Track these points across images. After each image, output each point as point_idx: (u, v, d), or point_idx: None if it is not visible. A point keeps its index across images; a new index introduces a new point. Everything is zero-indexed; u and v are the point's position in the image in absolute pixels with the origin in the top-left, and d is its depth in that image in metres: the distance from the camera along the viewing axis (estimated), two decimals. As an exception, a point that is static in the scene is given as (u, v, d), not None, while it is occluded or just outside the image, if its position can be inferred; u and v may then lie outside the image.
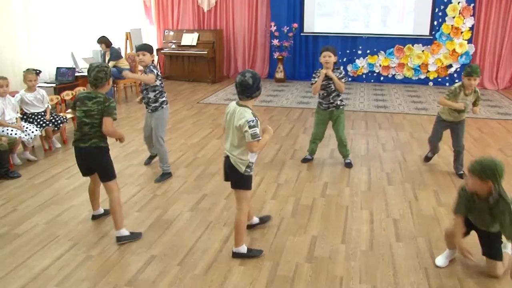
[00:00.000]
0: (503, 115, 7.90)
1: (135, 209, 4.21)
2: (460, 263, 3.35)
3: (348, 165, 5.29)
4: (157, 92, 4.76)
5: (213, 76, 10.82)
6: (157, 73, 4.70)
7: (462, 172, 4.97)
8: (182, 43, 10.93)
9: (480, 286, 3.10)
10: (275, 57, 10.86)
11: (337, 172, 5.15)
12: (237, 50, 11.56)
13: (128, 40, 10.24)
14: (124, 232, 3.64)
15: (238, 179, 3.29)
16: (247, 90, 3.12)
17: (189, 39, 10.86)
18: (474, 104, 4.84)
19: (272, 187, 4.69)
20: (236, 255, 3.41)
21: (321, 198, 4.44)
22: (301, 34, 10.99)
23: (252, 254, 3.42)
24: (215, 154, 5.70)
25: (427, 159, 5.44)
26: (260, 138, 3.10)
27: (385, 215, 4.11)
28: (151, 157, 5.42)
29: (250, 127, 3.03)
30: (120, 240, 3.61)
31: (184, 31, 11.15)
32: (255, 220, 3.84)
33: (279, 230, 3.83)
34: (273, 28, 10.73)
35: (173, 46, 11.09)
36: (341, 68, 5.07)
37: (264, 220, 3.91)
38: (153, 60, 4.82)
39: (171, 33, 11.32)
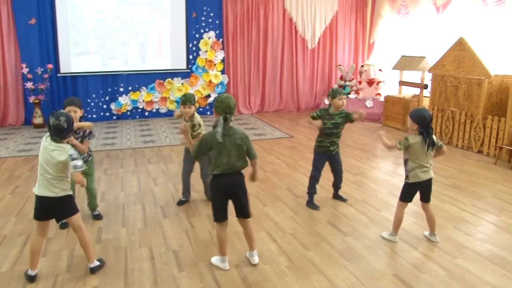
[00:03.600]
0: (259, 135, 8.83)
1: None
2: (252, 275, 3.60)
3: (98, 217, 4.90)
4: None
5: (-43, 127, 9.44)
6: None
7: None
8: None
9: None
10: (31, 101, 9.99)
11: (110, 215, 4.99)
12: (-16, 96, 10.31)
13: None
14: None
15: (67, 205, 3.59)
16: (61, 133, 3.34)
17: None
18: (193, 128, 4.97)
19: (41, 243, 4.28)
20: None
21: (97, 245, 4.25)
22: (58, 75, 10.40)
23: None
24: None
25: (181, 202, 5.34)
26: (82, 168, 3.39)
27: (164, 249, 4.16)
28: None
29: (73, 159, 3.33)
30: None
31: None
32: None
33: (54, 288, 3.54)
34: (25, 70, 9.91)
35: None
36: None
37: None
38: None
39: None
